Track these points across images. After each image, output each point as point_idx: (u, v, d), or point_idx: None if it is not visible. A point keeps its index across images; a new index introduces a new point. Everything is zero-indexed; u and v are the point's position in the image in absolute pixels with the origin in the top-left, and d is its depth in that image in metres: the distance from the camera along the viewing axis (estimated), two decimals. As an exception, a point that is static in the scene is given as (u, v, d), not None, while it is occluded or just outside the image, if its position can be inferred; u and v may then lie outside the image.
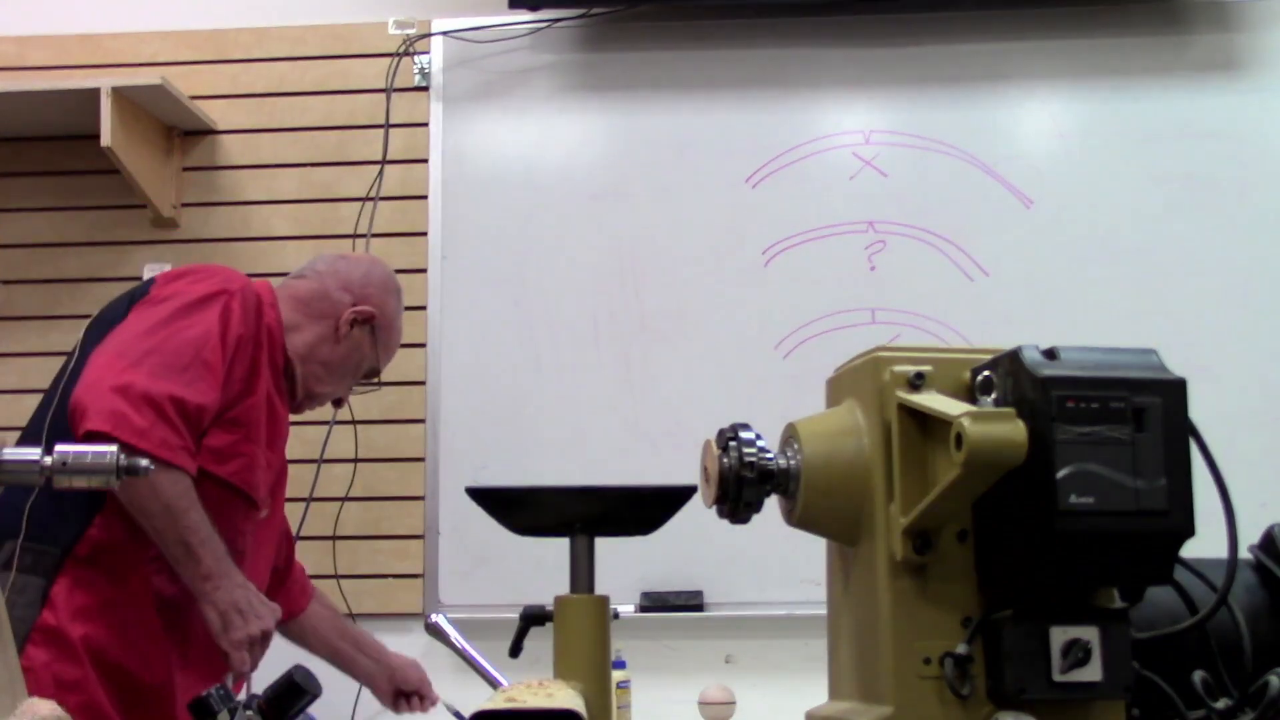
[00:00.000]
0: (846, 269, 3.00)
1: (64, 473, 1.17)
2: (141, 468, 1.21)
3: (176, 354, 1.82)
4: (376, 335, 2.14)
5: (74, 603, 1.79)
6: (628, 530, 1.17)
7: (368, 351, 2.14)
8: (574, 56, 3.10)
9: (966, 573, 1.00)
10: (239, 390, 1.90)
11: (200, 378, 1.82)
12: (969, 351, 1.04)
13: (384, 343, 2.18)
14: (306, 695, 1.10)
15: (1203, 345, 2.88)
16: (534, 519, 1.20)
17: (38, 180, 3.15)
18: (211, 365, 1.84)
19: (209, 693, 1.10)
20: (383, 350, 2.18)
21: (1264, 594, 1.13)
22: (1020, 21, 3.06)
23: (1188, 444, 0.95)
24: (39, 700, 1.09)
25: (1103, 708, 0.99)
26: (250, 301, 1.95)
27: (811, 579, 2.69)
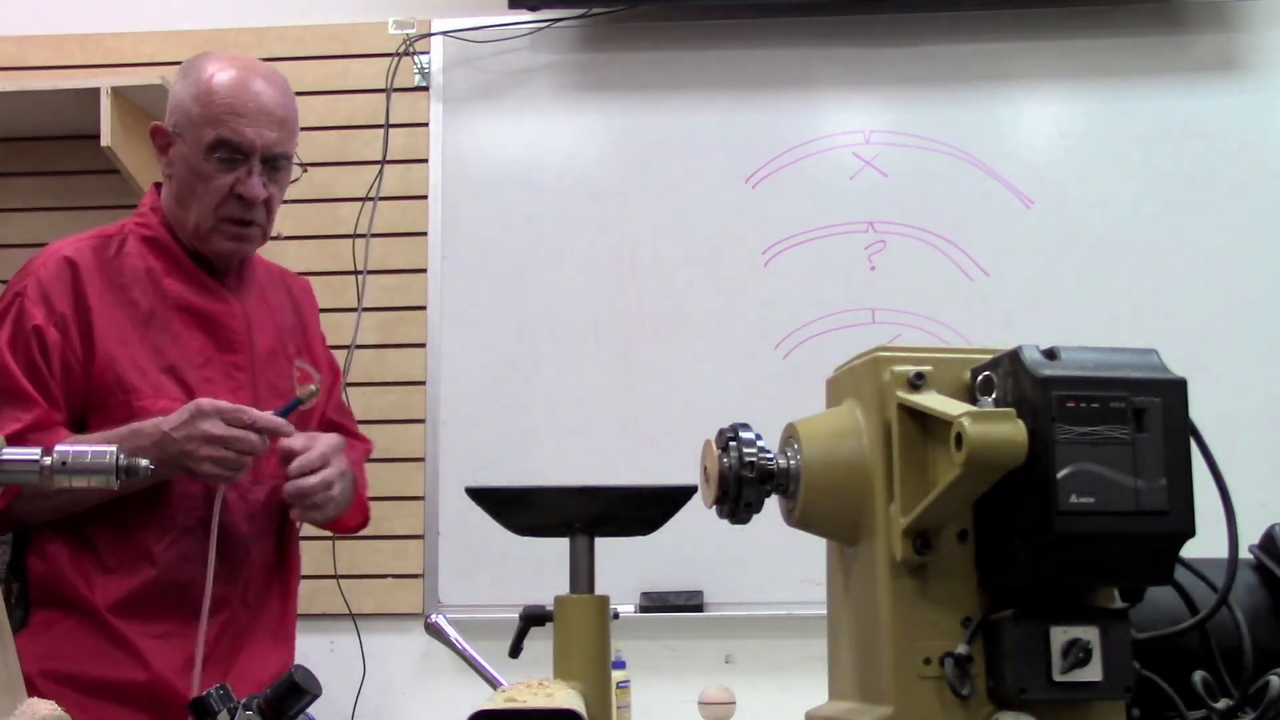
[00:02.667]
0: (846, 269, 3.00)
1: (64, 472, 1.17)
2: (141, 468, 1.22)
3: None
4: (185, 133, 1.83)
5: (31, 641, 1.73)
6: (628, 530, 1.17)
7: (193, 151, 1.82)
8: (574, 56, 3.10)
9: (966, 573, 1.00)
10: (80, 367, 1.76)
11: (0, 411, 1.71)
12: (969, 351, 1.04)
13: (198, 120, 1.81)
14: (306, 695, 1.10)
15: (1203, 345, 2.88)
16: (534, 519, 1.20)
17: (38, 180, 3.15)
18: (13, 391, 1.72)
19: (209, 693, 1.10)
20: (201, 126, 1.81)
21: (1264, 594, 1.13)
22: (1020, 21, 3.06)
23: (1188, 444, 0.95)
24: (39, 700, 1.09)
25: (1103, 708, 0.99)
26: (52, 275, 1.77)
27: (811, 579, 2.69)
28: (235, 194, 1.82)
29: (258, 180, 1.82)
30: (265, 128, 1.82)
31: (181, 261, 1.87)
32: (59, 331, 1.75)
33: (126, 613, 1.76)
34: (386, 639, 2.43)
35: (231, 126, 1.81)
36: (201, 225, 1.84)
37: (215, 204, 1.83)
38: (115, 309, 1.80)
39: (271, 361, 1.92)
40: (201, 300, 1.86)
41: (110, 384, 1.76)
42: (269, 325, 1.95)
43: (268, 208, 1.87)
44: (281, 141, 1.85)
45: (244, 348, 1.88)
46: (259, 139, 1.82)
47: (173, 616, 1.77)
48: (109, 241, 1.86)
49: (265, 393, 1.89)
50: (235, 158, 1.82)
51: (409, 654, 2.50)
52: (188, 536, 1.78)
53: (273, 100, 1.84)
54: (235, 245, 1.86)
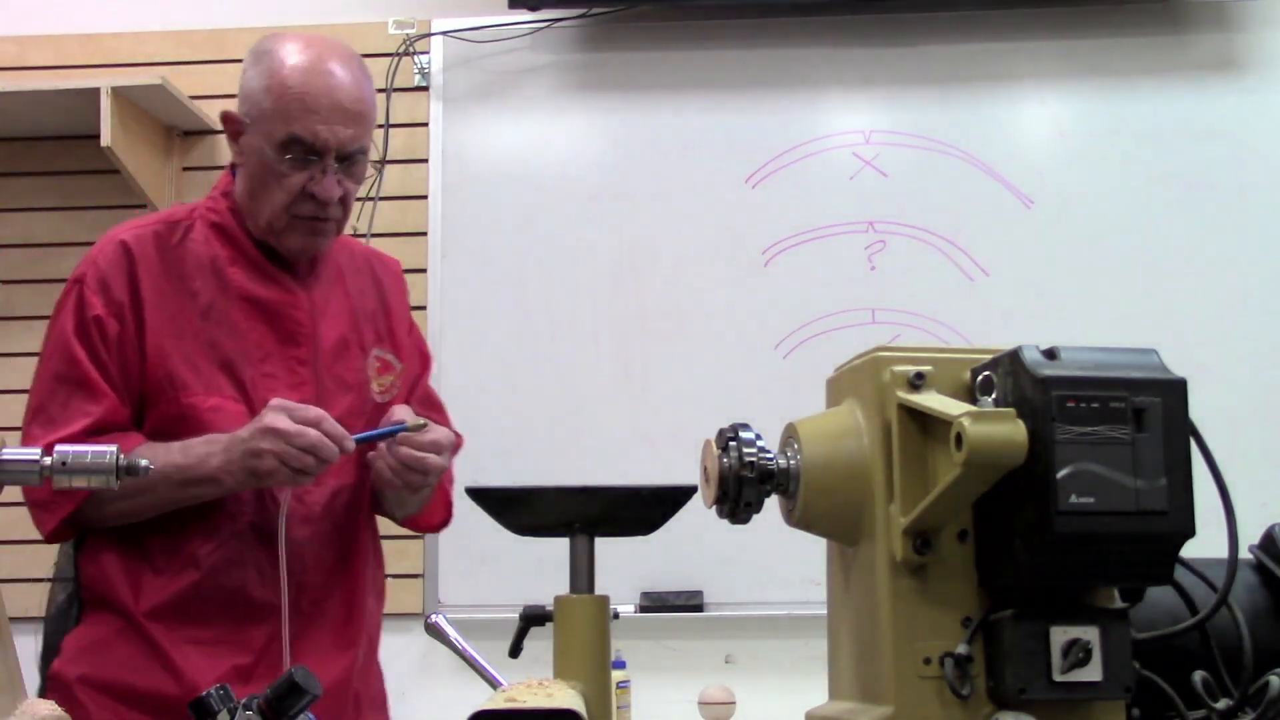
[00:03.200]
0: (846, 269, 3.00)
1: (63, 472, 1.17)
2: (141, 468, 1.21)
3: (37, 395, 1.70)
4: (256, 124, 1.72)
5: (76, 646, 1.71)
6: (628, 530, 1.17)
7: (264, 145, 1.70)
8: (574, 56, 3.10)
9: (966, 573, 1.00)
10: (136, 359, 1.69)
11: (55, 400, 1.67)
12: (969, 351, 1.04)
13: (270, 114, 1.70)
14: (306, 695, 1.09)
15: (1203, 345, 2.88)
16: (534, 519, 1.20)
17: (38, 180, 3.15)
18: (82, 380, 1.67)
19: (209, 693, 1.09)
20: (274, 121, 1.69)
21: (1264, 594, 1.13)
22: (1020, 21, 3.06)
23: (1188, 444, 0.95)
24: (38, 700, 1.09)
25: (1103, 708, 0.99)
26: (110, 262, 1.70)
27: (811, 579, 2.69)
28: (309, 193, 1.71)
29: (332, 179, 1.71)
30: (340, 124, 1.70)
31: (247, 250, 1.77)
32: (118, 322, 1.68)
33: (167, 618, 1.68)
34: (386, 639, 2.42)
35: (305, 124, 1.68)
36: (275, 222, 1.73)
37: (288, 202, 1.71)
38: (172, 299, 1.72)
39: (340, 354, 1.81)
40: (265, 291, 1.75)
41: (161, 379, 1.69)
42: (342, 314, 1.83)
43: (344, 204, 1.76)
44: (357, 137, 1.73)
45: (308, 341, 1.77)
46: (333, 138, 1.69)
47: (216, 623, 1.69)
48: (175, 227, 1.76)
49: (332, 387, 1.78)
50: (309, 157, 1.70)
51: (409, 654, 2.50)
52: (236, 540, 1.69)
53: (349, 94, 1.72)
54: (309, 241, 1.76)
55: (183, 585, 1.69)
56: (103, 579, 1.71)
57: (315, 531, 1.75)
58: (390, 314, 1.91)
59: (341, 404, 1.76)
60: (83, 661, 1.69)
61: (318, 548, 1.76)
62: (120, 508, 1.67)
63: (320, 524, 1.76)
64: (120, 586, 1.70)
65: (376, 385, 1.83)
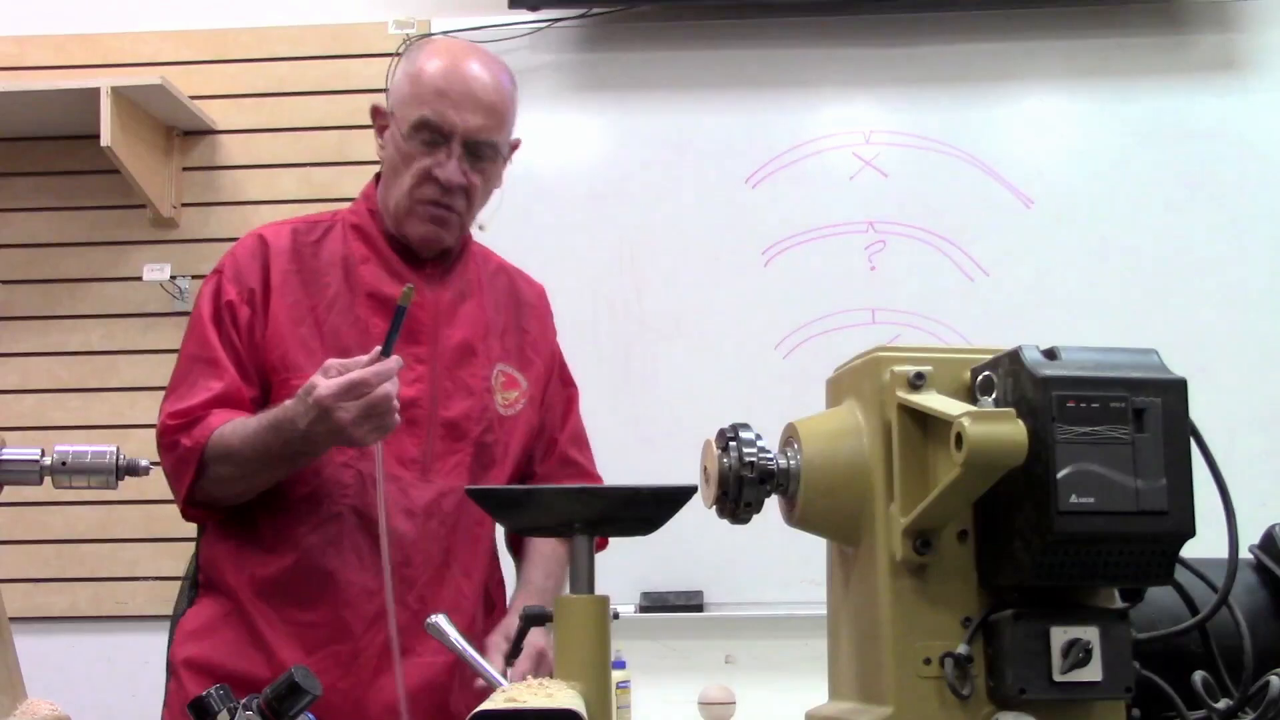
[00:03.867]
0: (846, 269, 3.00)
1: (63, 472, 1.17)
2: (141, 467, 1.22)
3: (175, 374, 1.77)
4: (396, 111, 1.79)
5: (186, 628, 1.76)
6: (628, 530, 1.17)
7: (399, 130, 1.77)
8: (574, 56, 3.10)
9: (966, 573, 1.00)
10: (259, 341, 1.75)
11: (185, 379, 1.74)
12: (969, 351, 1.04)
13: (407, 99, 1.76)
14: (306, 695, 1.09)
15: (1203, 345, 2.88)
16: (534, 519, 1.20)
17: (38, 180, 3.15)
18: (211, 360, 1.74)
19: (208, 692, 1.09)
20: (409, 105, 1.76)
21: (1264, 594, 1.13)
22: (1020, 21, 3.06)
23: (1188, 444, 0.95)
24: (39, 700, 1.09)
25: (1103, 708, 0.99)
26: (246, 252, 1.79)
27: (811, 579, 2.69)
28: (432, 177, 1.76)
29: (455, 165, 1.75)
30: (469, 112, 1.75)
31: (380, 249, 1.82)
32: (249, 307, 1.75)
33: (269, 598, 1.71)
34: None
35: (434, 107, 1.75)
36: (399, 208, 1.79)
37: (412, 185, 1.77)
38: (298, 290, 1.78)
39: (464, 359, 1.82)
40: (391, 288, 1.78)
41: (275, 361, 1.74)
42: (470, 322, 1.85)
43: (468, 196, 1.80)
44: (487, 129, 1.78)
45: (428, 340, 1.79)
46: (461, 123, 1.75)
47: (315, 606, 1.70)
48: (315, 226, 1.84)
49: (450, 387, 1.79)
50: (437, 139, 1.75)
51: (409, 654, 2.50)
52: (334, 521, 1.71)
53: (483, 86, 1.78)
54: (429, 229, 1.79)
55: (284, 565, 1.71)
56: (214, 560, 1.77)
57: (420, 528, 1.74)
58: (524, 334, 1.92)
59: (460, 406, 1.78)
60: (189, 644, 1.74)
61: (425, 545, 1.75)
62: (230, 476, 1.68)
63: (425, 521, 1.75)
64: (228, 566, 1.75)
65: (501, 399, 1.84)
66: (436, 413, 1.77)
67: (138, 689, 2.98)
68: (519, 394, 1.87)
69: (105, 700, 2.94)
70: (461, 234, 1.86)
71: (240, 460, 1.66)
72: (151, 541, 3.02)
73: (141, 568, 3.03)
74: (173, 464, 1.72)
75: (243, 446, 1.65)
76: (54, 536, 3.03)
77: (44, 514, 3.02)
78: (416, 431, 1.76)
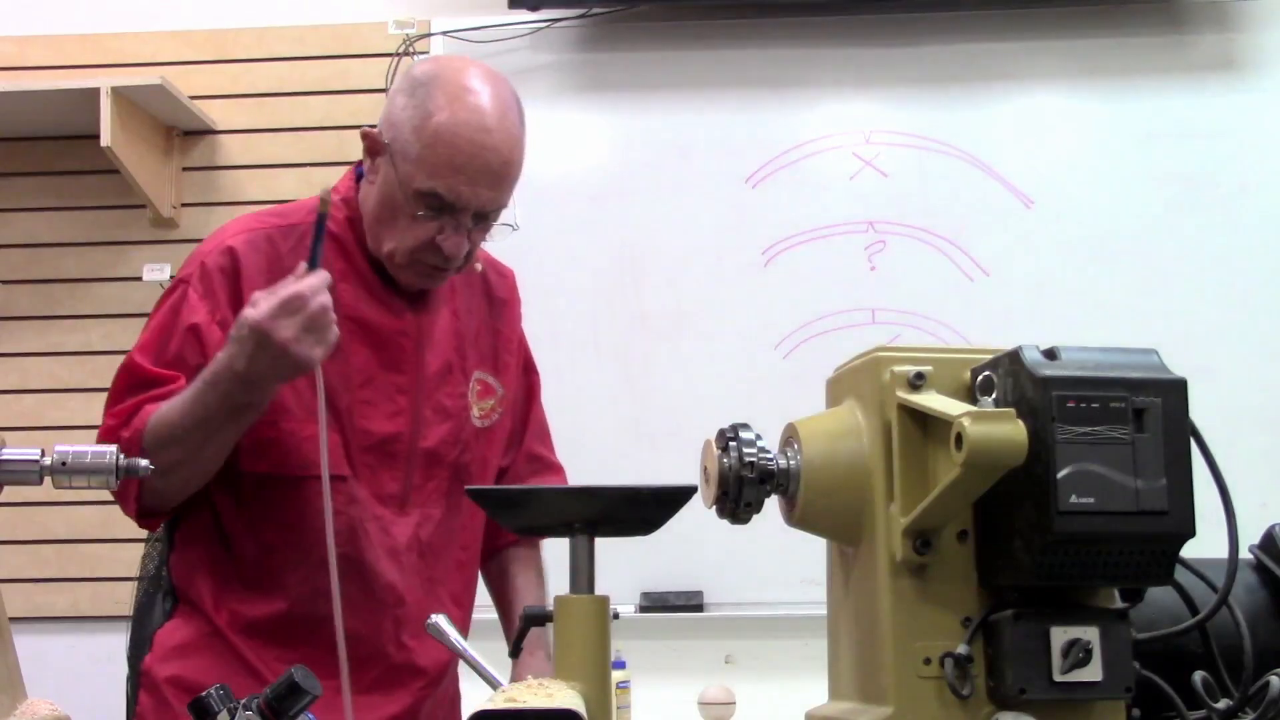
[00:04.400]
0: (846, 269, 3.00)
1: (63, 472, 1.16)
2: (141, 468, 1.21)
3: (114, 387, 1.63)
4: (396, 158, 1.62)
5: (167, 644, 1.68)
6: (628, 530, 1.17)
7: (401, 183, 1.61)
8: (574, 56, 3.10)
9: (966, 573, 1.00)
10: None
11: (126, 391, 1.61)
12: (969, 351, 1.04)
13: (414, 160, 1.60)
14: (306, 695, 1.09)
15: (1203, 345, 2.88)
16: (534, 519, 1.20)
17: (38, 180, 3.15)
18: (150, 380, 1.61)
19: (208, 692, 1.09)
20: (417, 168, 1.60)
21: (1264, 594, 1.13)
22: (1020, 21, 3.06)
23: (1188, 444, 0.95)
24: (38, 700, 1.09)
25: (1103, 708, 0.99)
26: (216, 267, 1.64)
27: (811, 579, 2.68)
28: (436, 245, 1.63)
29: (463, 238, 1.63)
30: (484, 186, 1.62)
31: (360, 267, 1.70)
32: (220, 328, 1.60)
33: (254, 638, 1.65)
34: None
35: (447, 182, 1.60)
36: (394, 258, 1.65)
37: (412, 247, 1.63)
38: None
39: (442, 381, 1.73)
40: (373, 314, 1.68)
41: None
42: (448, 338, 1.75)
43: (469, 254, 1.68)
44: (497, 200, 1.66)
45: (411, 368, 1.69)
46: (475, 199, 1.62)
47: (305, 647, 1.61)
48: (290, 232, 1.69)
49: (431, 414, 1.71)
50: (445, 208, 1.61)
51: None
52: (323, 570, 1.53)
53: (499, 155, 1.62)
54: (425, 282, 1.69)
55: (271, 611, 1.65)
56: (190, 582, 1.68)
57: (404, 564, 1.69)
58: (498, 335, 1.84)
59: (439, 432, 1.70)
60: (173, 662, 1.66)
61: (412, 581, 1.69)
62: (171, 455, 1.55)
63: (407, 555, 1.69)
64: (204, 594, 1.66)
65: (477, 410, 1.77)
66: (417, 445, 1.69)
67: (138, 689, 2.98)
68: (495, 402, 1.80)
69: (105, 700, 2.94)
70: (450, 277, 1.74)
71: (182, 434, 1.54)
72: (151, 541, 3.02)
73: (141, 568, 3.03)
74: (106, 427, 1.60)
75: (181, 418, 1.53)
76: (54, 536, 3.03)
77: (44, 514, 3.02)
78: (395, 466, 1.69)
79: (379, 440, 1.66)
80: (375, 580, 1.66)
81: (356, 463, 1.65)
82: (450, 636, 1.41)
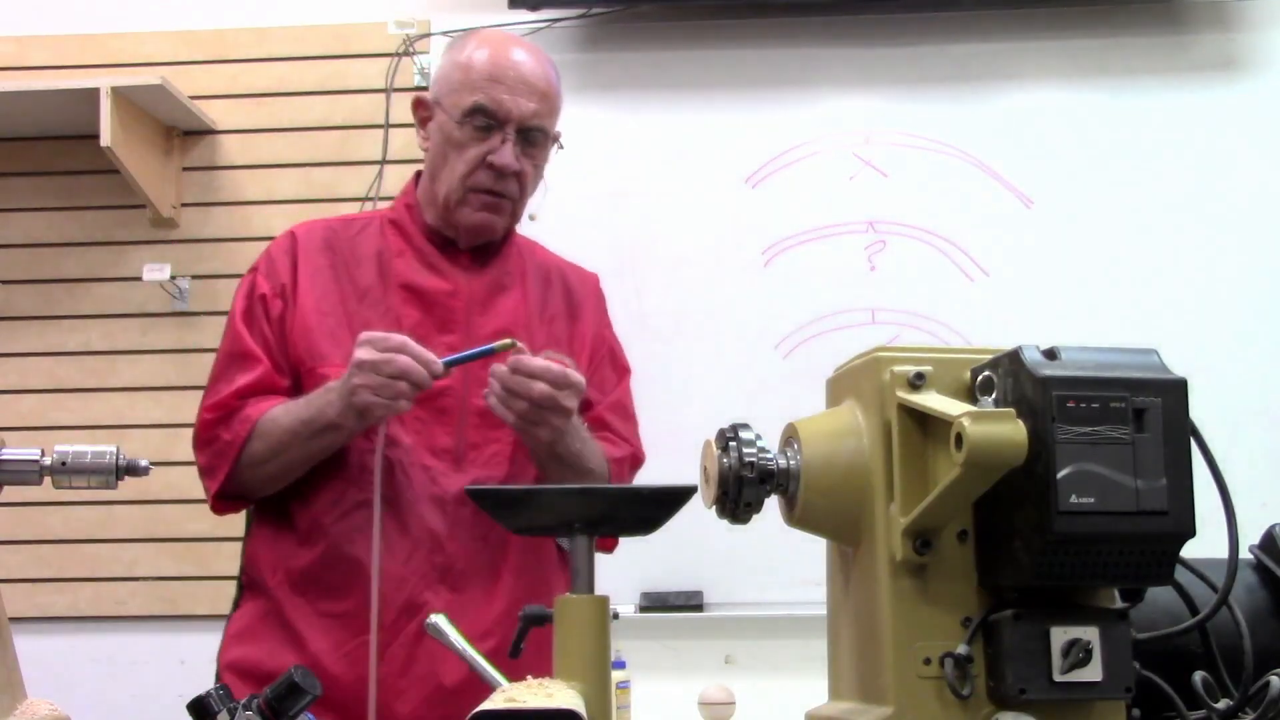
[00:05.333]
0: (846, 269, 3.00)
1: (63, 472, 1.17)
2: (141, 468, 1.21)
3: (213, 370, 1.80)
4: (444, 99, 1.80)
5: (231, 631, 1.77)
6: (628, 530, 1.17)
7: (450, 117, 1.78)
8: (574, 56, 3.09)
9: (966, 573, 1.00)
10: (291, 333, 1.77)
11: (223, 375, 1.77)
12: (969, 351, 1.04)
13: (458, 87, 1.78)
14: (306, 695, 1.10)
15: (1203, 345, 2.88)
16: (534, 519, 1.20)
17: (38, 180, 3.15)
18: (242, 354, 1.76)
19: (208, 692, 1.10)
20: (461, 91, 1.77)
21: (1264, 594, 1.13)
22: (1020, 21, 3.06)
23: (1188, 444, 0.95)
24: (38, 700, 1.09)
25: (1103, 708, 0.99)
26: (279, 249, 1.82)
27: (811, 579, 2.68)
28: (487, 163, 1.77)
29: (511, 150, 1.77)
30: (524, 97, 1.77)
31: (416, 242, 1.84)
32: (280, 300, 1.78)
33: (301, 589, 1.72)
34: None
35: (489, 94, 1.76)
36: (451, 196, 1.79)
37: (466, 172, 1.78)
38: (329, 282, 1.80)
39: None
40: (424, 279, 1.81)
41: (302, 352, 1.75)
42: (510, 312, 1.84)
43: (520, 182, 1.81)
44: (540, 115, 1.80)
45: (460, 328, 1.79)
46: (516, 108, 1.77)
47: (347, 595, 1.69)
48: (353, 223, 1.87)
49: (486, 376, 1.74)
50: (491, 124, 1.77)
51: (409, 654, 2.50)
52: (361, 509, 1.70)
53: (534, 72, 1.80)
54: (484, 216, 1.80)
55: (314, 555, 1.72)
56: (255, 557, 1.78)
57: (451, 515, 1.73)
58: (576, 323, 1.92)
59: None
60: (234, 647, 1.74)
61: (458, 534, 1.73)
62: (268, 470, 1.72)
63: (458, 509, 1.73)
64: (264, 561, 1.76)
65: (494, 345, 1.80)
66: (469, 400, 1.76)
67: (138, 689, 2.98)
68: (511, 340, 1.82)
69: (105, 700, 2.95)
70: (513, 222, 1.86)
71: (278, 454, 1.69)
72: (151, 541, 3.02)
73: (141, 568, 3.03)
74: (209, 459, 1.74)
75: (280, 432, 1.69)
76: (54, 536, 3.03)
77: (44, 514, 3.02)
78: (447, 421, 1.76)
79: (428, 393, 1.71)
80: (412, 523, 1.71)
81: (404, 416, 1.70)
82: (450, 636, 1.41)
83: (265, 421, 1.71)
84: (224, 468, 1.72)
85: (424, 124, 1.86)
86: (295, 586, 1.72)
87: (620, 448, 1.93)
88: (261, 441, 1.71)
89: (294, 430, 1.68)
